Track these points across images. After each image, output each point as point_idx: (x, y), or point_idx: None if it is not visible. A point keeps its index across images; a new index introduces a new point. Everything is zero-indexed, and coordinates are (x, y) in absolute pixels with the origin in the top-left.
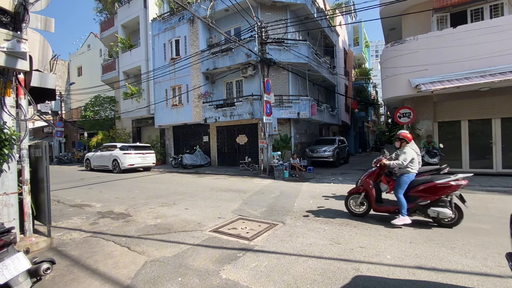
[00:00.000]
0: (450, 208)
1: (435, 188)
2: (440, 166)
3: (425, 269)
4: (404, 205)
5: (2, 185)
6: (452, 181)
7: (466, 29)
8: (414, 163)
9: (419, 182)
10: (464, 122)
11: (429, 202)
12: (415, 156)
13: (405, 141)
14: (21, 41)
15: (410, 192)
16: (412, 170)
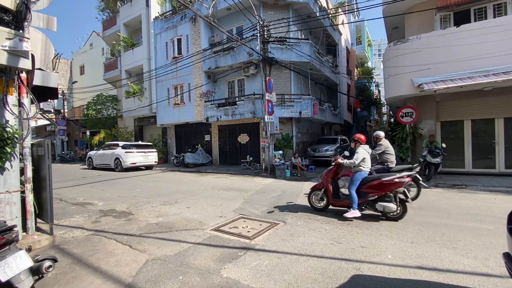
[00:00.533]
0: (394, 203)
1: (382, 184)
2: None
3: (426, 269)
4: (355, 200)
5: (5, 183)
6: (396, 178)
7: (469, 28)
8: (365, 162)
9: (369, 180)
10: (467, 121)
11: (377, 197)
12: (366, 156)
13: (358, 142)
14: (23, 39)
15: (362, 189)
16: (364, 168)
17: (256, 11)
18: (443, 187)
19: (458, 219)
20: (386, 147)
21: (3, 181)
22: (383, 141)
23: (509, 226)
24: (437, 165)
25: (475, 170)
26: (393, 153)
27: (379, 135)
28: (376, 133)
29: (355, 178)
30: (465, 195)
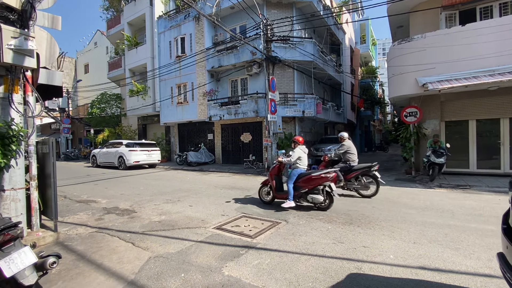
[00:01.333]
0: (322, 195)
1: (311, 179)
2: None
3: (429, 269)
4: (291, 192)
5: (10, 181)
6: (323, 174)
7: (475, 27)
8: (301, 160)
9: (303, 175)
10: (472, 121)
11: (307, 190)
12: (302, 155)
13: (296, 143)
14: (29, 38)
15: (297, 183)
16: (300, 166)
17: (259, 10)
18: (447, 187)
19: (462, 220)
20: (348, 147)
21: (9, 178)
22: (346, 141)
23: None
24: (441, 165)
25: (480, 170)
26: (354, 153)
27: (343, 136)
28: (340, 134)
29: (292, 174)
30: (469, 196)
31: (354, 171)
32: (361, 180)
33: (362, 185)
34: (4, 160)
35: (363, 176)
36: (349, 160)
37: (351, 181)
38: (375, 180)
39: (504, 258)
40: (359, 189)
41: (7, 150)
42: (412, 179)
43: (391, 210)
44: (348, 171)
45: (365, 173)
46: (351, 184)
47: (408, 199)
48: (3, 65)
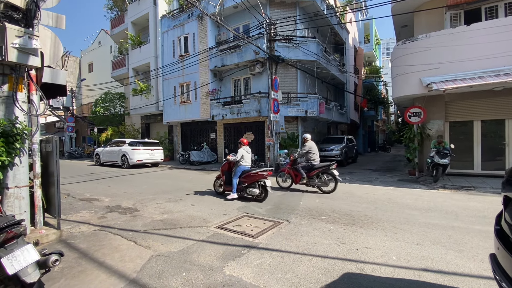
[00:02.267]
0: (258, 189)
1: (250, 176)
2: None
3: (432, 271)
4: (234, 186)
5: (14, 178)
6: (260, 171)
7: (480, 27)
8: (244, 159)
9: (246, 172)
10: (477, 122)
11: (247, 184)
12: (245, 154)
13: (241, 144)
14: (33, 37)
15: (241, 178)
16: (243, 163)
17: (263, 9)
18: (450, 188)
19: (466, 222)
20: (310, 148)
21: (13, 176)
22: (308, 142)
23: (496, 227)
24: (445, 166)
25: (484, 171)
26: (316, 153)
27: (306, 138)
28: (303, 136)
29: (237, 171)
30: (473, 197)
31: (315, 169)
32: (321, 177)
33: (322, 182)
34: (8, 158)
35: (323, 174)
36: (310, 159)
37: (313, 178)
38: (333, 178)
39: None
40: (320, 186)
41: (11, 148)
42: (416, 180)
43: (394, 211)
44: (310, 169)
45: (325, 171)
46: (313, 181)
47: (411, 200)
48: (7, 64)
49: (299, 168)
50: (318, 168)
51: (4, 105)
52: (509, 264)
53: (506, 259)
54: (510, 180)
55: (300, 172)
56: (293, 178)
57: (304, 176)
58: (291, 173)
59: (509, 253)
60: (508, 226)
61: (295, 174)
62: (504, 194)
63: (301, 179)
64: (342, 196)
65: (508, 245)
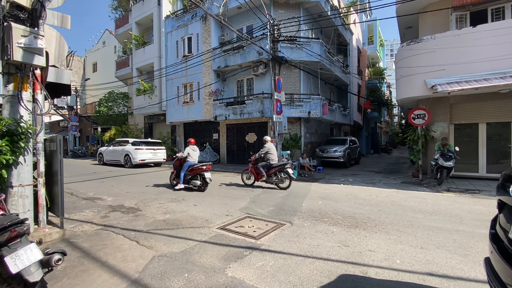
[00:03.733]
0: (199, 180)
1: (193, 169)
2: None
3: (436, 276)
4: (181, 178)
5: (18, 177)
6: (200, 166)
7: (486, 28)
8: (191, 156)
9: (191, 166)
10: (482, 125)
11: (191, 176)
12: (191, 152)
13: (189, 143)
14: (38, 37)
15: (187, 171)
16: (190, 160)
17: (266, 10)
18: (455, 191)
19: (471, 225)
20: (268, 149)
21: (17, 175)
22: (267, 144)
23: (491, 231)
24: (449, 169)
25: (489, 175)
26: (274, 153)
27: (265, 139)
28: (264, 138)
29: (184, 166)
30: (478, 201)
31: (273, 168)
32: (278, 175)
33: (279, 180)
34: (13, 157)
35: (280, 172)
36: (269, 159)
37: (271, 176)
38: (288, 176)
39: (490, 263)
40: (277, 183)
41: (15, 147)
42: (419, 183)
43: (398, 213)
44: (269, 168)
45: (281, 170)
46: (271, 179)
47: (415, 203)
48: (13, 63)
49: (259, 167)
50: (276, 167)
51: (9, 104)
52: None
53: (499, 263)
54: (504, 184)
55: (260, 170)
56: (255, 176)
57: (264, 174)
58: (253, 171)
59: (502, 257)
60: (502, 231)
61: (257, 173)
62: (498, 198)
63: (262, 177)
64: (345, 198)
65: (502, 250)
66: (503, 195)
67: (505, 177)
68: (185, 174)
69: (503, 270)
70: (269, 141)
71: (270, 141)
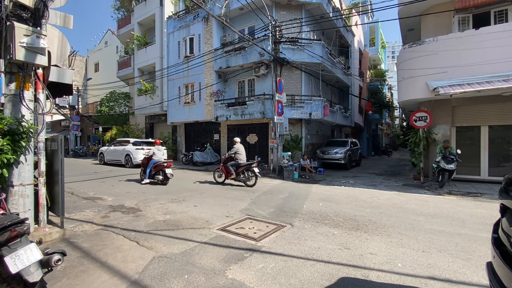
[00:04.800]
0: (162, 176)
1: (157, 166)
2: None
3: (439, 280)
4: (147, 174)
5: (19, 177)
6: (161, 163)
7: (489, 31)
8: (156, 155)
9: (155, 163)
10: (484, 127)
11: (155, 172)
12: (156, 151)
13: (155, 143)
14: (41, 36)
15: (152, 168)
16: (155, 158)
17: (268, 11)
18: (457, 194)
19: (473, 229)
20: (237, 149)
21: (18, 174)
22: (236, 145)
23: (494, 235)
24: (451, 172)
25: (491, 178)
26: (242, 153)
27: (235, 140)
28: (233, 139)
29: (150, 163)
30: (480, 204)
31: (241, 167)
32: (245, 174)
33: (246, 178)
34: (14, 156)
35: (247, 171)
36: (237, 159)
37: (240, 174)
38: (254, 174)
39: (492, 267)
40: (245, 181)
41: (17, 147)
42: (421, 185)
43: (399, 216)
44: (237, 167)
45: (248, 168)
46: (239, 177)
47: (417, 206)
48: (15, 62)
49: (229, 166)
50: (243, 166)
51: (11, 103)
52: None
53: (501, 268)
54: (507, 188)
55: (230, 169)
56: (226, 174)
57: (233, 173)
58: (224, 170)
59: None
60: (505, 235)
61: (227, 171)
62: (501, 202)
63: (231, 175)
64: (346, 200)
65: (504, 254)
66: (506, 199)
67: (508, 181)
68: (150, 170)
69: (505, 275)
70: (238, 142)
71: (239, 143)
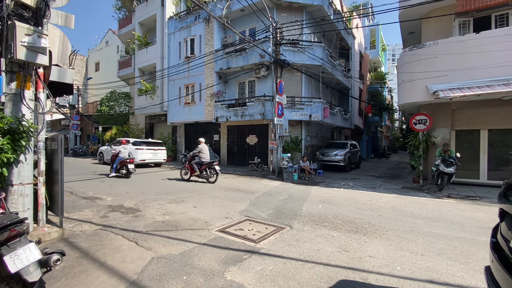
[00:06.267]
0: (125, 170)
1: (122, 162)
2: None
3: (437, 283)
4: (114, 168)
5: (19, 176)
6: (126, 159)
7: (489, 35)
8: (122, 152)
9: (121, 159)
10: (484, 131)
11: (120, 167)
12: (121, 150)
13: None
14: (42, 36)
15: (118, 164)
16: (120, 155)
17: (269, 13)
18: (456, 197)
19: (472, 232)
20: (201, 149)
21: (17, 173)
22: (200, 145)
23: (492, 239)
24: (450, 175)
25: (490, 181)
26: (205, 153)
27: (200, 141)
28: (198, 139)
29: (116, 159)
30: (479, 207)
31: (204, 165)
32: (207, 171)
33: (208, 175)
34: (14, 155)
35: (209, 169)
36: (201, 158)
37: (203, 172)
38: (215, 172)
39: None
40: (207, 178)
41: (17, 146)
42: (420, 188)
43: (398, 219)
44: (201, 165)
45: (210, 166)
46: (202, 174)
47: (416, 209)
48: (16, 61)
49: (193, 164)
50: (206, 164)
51: (11, 102)
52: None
53: (499, 272)
54: (506, 193)
55: (194, 167)
56: (190, 172)
57: (196, 170)
58: (189, 167)
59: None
60: (504, 240)
61: (191, 169)
62: (500, 207)
63: (195, 172)
64: (345, 202)
65: (503, 259)
66: (505, 203)
67: (507, 185)
68: (116, 166)
69: (503, 280)
70: (203, 142)
71: (204, 143)
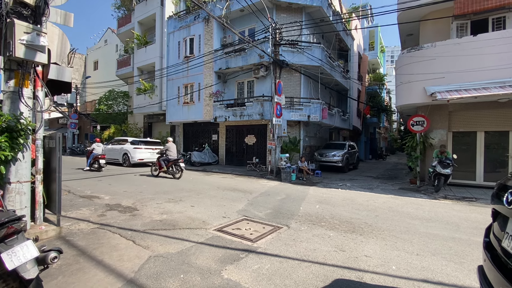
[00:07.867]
0: (98, 165)
1: (95, 158)
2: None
3: (432, 283)
4: (88, 163)
5: (16, 174)
6: (98, 155)
7: (487, 37)
8: (96, 149)
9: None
10: (480, 133)
11: (93, 161)
12: (96, 147)
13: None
14: (41, 34)
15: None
16: (94, 152)
17: (269, 13)
18: (452, 199)
19: (467, 233)
20: (168, 147)
21: (15, 171)
22: (168, 143)
23: (485, 239)
24: (447, 176)
25: (487, 183)
26: (173, 151)
27: (168, 140)
28: (167, 138)
29: (91, 155)
30: (475, 209)
31: (170, 162)
32: (173, 168)
33: (174, 171)
34: (12, 153)
35: (175, 166)
36: (168, 155)
37: (169, 168)
38: (180, 168)
39: (483, 271)
40: (173, 174)
41: (14, 144)
42: (417, 189)
43: (395, 219)
44: (168, 162)
45: (175, 163)
46: (169, 170)
47: (412, 209)
48: (15, 59)
49: (161, 161)
50: (172, 161)
51: (9, 100)
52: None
53: (492, 272)
54: (499, 194)
55: (162, 164)
56: (159, 168)
57: (164, 167)
58: (158, 164)
59: (495, 266)
60: (496, 239)
61: (159, 165)
62: (492, 207)
63: (163, 169)
64: (342, 202)
65: (495, 258)
66: (497, 204)
67: (500, 186)
68: (90, 161)
69: (495, 279)
70: (171, 141)
71: (172, 142)
